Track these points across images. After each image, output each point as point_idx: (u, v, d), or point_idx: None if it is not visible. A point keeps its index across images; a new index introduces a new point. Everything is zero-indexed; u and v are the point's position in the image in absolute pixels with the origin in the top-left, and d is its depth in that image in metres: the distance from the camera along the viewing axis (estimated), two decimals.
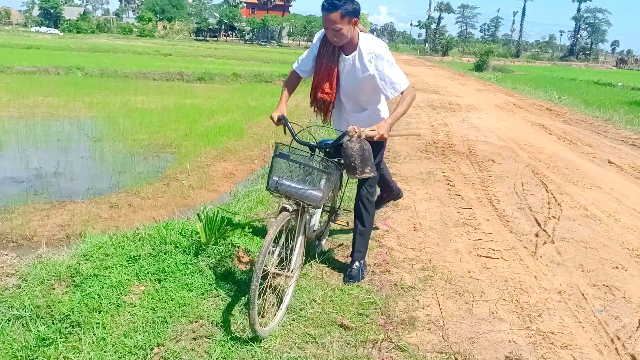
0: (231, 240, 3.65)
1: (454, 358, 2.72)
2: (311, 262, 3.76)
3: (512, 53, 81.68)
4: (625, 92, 25.17)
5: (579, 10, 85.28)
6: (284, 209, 2.91)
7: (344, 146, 3.08)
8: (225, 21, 79.01)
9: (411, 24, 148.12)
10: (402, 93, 3.30)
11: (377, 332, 2.91)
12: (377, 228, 4.54)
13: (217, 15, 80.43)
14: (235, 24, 79.76)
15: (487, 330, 3.02)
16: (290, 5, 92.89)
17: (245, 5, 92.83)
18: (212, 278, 3.29)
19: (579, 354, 2.84)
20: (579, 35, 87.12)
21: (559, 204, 5.64)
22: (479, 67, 38.01)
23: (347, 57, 3.35)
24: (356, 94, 3.50)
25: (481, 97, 17.65)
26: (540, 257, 4.17)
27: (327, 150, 3.36)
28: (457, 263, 3.99)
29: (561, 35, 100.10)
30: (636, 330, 3.12)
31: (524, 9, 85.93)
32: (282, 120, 3.32)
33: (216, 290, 3.20)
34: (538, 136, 10.22)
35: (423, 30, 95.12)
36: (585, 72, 45.45)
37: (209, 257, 3.43)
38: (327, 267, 3.74)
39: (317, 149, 3.32)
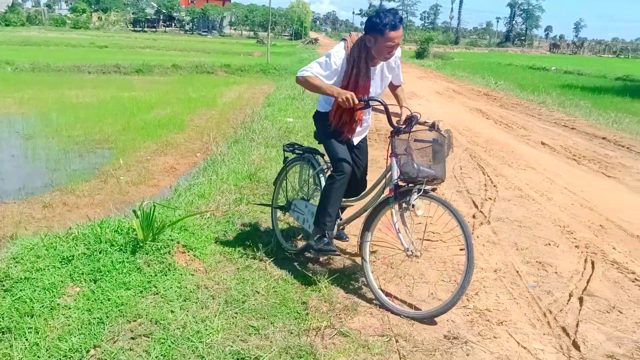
0: (170, 235, 3.57)
1: (395, 340, 2.78)
2: (256, 253, 3.73)
3: (451, 40, 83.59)
4: (558, 75, 26.30)
5: None
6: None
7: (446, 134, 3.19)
8: (164, 11, 76.97)
9: (353, 13, 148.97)
10: None
11: (320, 319, 2.92)
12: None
13: (155, 5, 78.17)
14: (175, 14, 77.86)
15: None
16: None
17: None
18: (151, 275, 3.21)
19: (513, 329, 2.95)
20: (514, 22, 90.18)
21: (495, 186, 5.84)
22: (420, 55, 38.73)
23: (374, 67, 3.38)
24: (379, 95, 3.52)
25: (422, 84, 18.00)
26: (477, 237, 4.30)
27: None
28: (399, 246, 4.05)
29: (497, 21, 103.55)
30: (567, 304, 3.27)
31: None
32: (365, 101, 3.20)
33: (155, 287, 3.13)
34: (476, 121, 10.53)
35: (365, 19, 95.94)
36: (521, 58, 47.17)
37: (146, 254, 3.34)
38: (271, 259, 3.72)
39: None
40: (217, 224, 4.23)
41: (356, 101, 3.12)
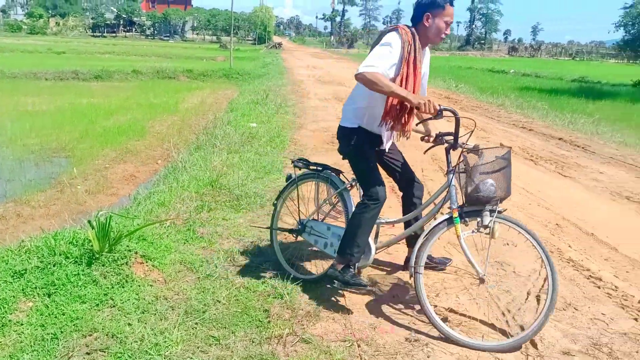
0: (128, 246, 3.49)
1: (357, 345, 2.78)
2: (218, 261, 3.69)
3: None
4: (516, 78, 26.97)
5: (472, 1, 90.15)
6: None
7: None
8: (124, 16, 75.62)
9: (317, 17, 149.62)
10: None
11: (282, 326, 2.90)
12: None
13: (115, 10, 76.77)
14: (135, 19, 76.58)
15: (389, 314, 3.12)
16: None
17: None
18: (107, 287, 3.13)
19: (472, 329, 2.99)
20: (474, 26, 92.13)
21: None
22: None
23: (425, 50, 3.20)
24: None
25: None
26: (438, 239, 4.34)
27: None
28: None
29: (458, 26, 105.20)
30: (524, 302, 3.34)
31: None
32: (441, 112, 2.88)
33: (112, 300, 3.05)
34: (438, 124, 10.67)
35: (329, 23, 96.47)
36: (481, 61, 48.15)
37: (103, 266, 3.26)
38: (233, 265, 3.68)
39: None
40: (177, 233, 4.16)
41: (436, 106, 2.82)
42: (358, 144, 3.22)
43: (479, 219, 2.90)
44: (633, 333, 3.03)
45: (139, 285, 3.24)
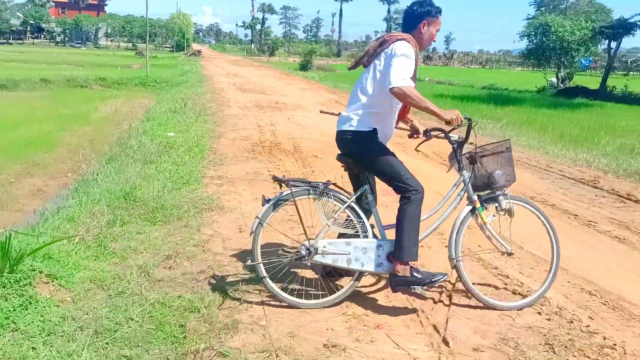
0: (31, 265, 3.28)
1: (275, 355, 2.77)
2: (130, 277, 3.55)
3: (334, 52, 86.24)
4: (432, 85, 28.12)
5: (389, 11, 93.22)
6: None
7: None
8: (31, 22, 71.41)
9: (237, 25, 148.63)
10: None
11: (199, 341, 2.83)
12: None
13: (21, 15, 72.28)
14: (43, 25, 72.54)
15: (307, 322, 3.13)
16: (106, 5, 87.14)
17: (54, 4, 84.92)
18: (9, 310, 2.92)
19: (389, 331, 3.07)
20: None
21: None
22: (304, 67, 39.45)
23: None
24: None
25: (306, 95, 18.34)
26: None
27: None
28: None
29: (376, 35, 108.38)
30: (437, 302, 3.47)
31: (340, 10, 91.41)
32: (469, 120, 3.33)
33: (14, 323, 2.85)
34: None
35: (249, 31, 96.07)
36: None
37: (3, 287, 3.04)
38: (148, 281, 3.56)
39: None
40: (87, 249, 3.97)
41: (462, 118, 3.16)
42: (379, 143, 3.33)
43: (496, 204, 3.44)
44: (537, 326, 3.23)
45: (44, 307, 3.06)
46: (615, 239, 4.92)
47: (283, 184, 3.34)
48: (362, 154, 3.36)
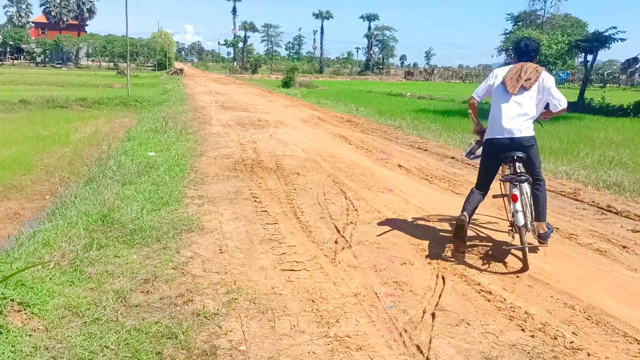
0: (2, 293, 3.17)
1: None
2: (107, 303, 3.46)
3: (316, 69, 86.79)
4: (413, 100, 28.34)
5: (369, 28, 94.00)
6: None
7: None
8: (11, 43, 70.79)
9: (219, 43, 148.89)
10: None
11: None
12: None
13: (0, 36, 71.66)
14: (23, 46, 71.96)
15: (288, 345, 3.06)
16: (87, 25, 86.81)
17: (33, 25, 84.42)
18: None
19: (371, 353, 3.02)
20: (372, 51, 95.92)
21: (356, 210, 6.04)
22: (287, 84, 39.55)
23: None
24: None
25: (288, 112, 18.35)
26: (339, 262, 4.39)
27: None
28: (262, 281, 4.00)
29: (357, 51, 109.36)
30: (421, 321, 3.43)
31: (322, 28, 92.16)
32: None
33: None
34: (339, 147, 10.91)
35: (231, 49, 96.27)
36: (380, 85, 50.19)
37: None
38: (125, 306, 3.46)
39: None
40: (62, 274, 3.86)
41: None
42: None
43: None
44: (520, 344, 3.19)
45: (16, 336, 2.95)
46: (596, 251, 4.93)
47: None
48: (534, 151, 4.71)
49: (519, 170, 4.62)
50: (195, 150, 9.66)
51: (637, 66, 22.33)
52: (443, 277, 4.17)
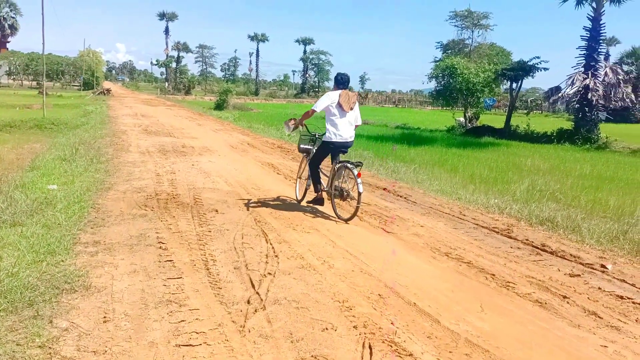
0: None
1: None
2: None
3: (252, 91, 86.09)
4: None
5: (305, 52, 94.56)
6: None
7: None
8: None
9: (152, 63, 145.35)
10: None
11: None
12: None
13: None
14: None
15: None
16: (8, 42, 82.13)
17: None
18: None
19: None
20: (308, 75, 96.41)
21: (276, 256, 5.38)
22: (219, 106, 38.66)
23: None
24: None
25: (217, 138, 17.53)
26: (249, 331, 3.70)
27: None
28: None
29: (294, 74, 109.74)
30: None
31: (257, 50, 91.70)
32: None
33: None
34: (267, 177, 10.25)
35: (165, 69, 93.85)
36: None
37: None
38: None
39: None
40: None
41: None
42: None
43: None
44: None
45: None
46: (536, 303, 4.51)
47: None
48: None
49: (342, 159, 7.24)
50: (103, 183, 8.68)
51: (559, 95, 23.09)
52: (370, 346, 3.56)
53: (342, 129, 7.03)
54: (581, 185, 10.94)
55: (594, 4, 22.49)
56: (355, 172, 6.73)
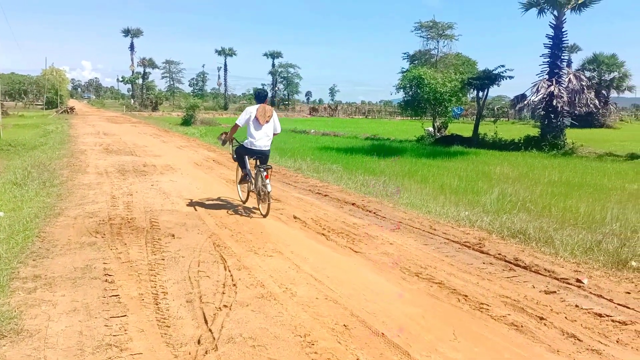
0: None
1: None
2: None
3: (220, 106, 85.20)
4: (317, 138, 28.01)
5: (273, 65, 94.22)
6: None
7: None
8: None
9: (118, 80, 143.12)
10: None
11: None
12: None
13: None
14: None
15: None
16: None
17: None
18: None
19: None
20: (277, 88, 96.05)
21: (234, 285, 4.97)
22: (187, 122, 37.99)
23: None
24: None
25: (181, 155, 17.00)
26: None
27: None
28: None
29: (263, 87, 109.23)
30: None
31: (225, 64, 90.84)
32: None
33: None
34: (231, 195, 9.81)
35: (131, 85, 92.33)
36: (285, 121, 49.54)
37: None
38: None
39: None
40: None
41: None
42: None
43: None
44: None
45: None
46: (512, 327, 4.21)
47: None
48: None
49: (259, 163, 8.16)
50: (53, 208, 8.13)
51: (525, 102, 23.29)
52: None
53: (258, 139, 8.12)
54: (551, 193, 10.83)
55: (555, 12, 22.77)
56: (264, 175, 7.78)
